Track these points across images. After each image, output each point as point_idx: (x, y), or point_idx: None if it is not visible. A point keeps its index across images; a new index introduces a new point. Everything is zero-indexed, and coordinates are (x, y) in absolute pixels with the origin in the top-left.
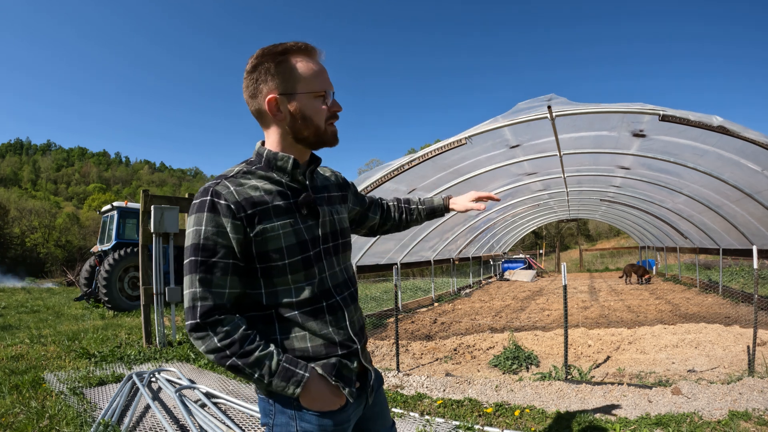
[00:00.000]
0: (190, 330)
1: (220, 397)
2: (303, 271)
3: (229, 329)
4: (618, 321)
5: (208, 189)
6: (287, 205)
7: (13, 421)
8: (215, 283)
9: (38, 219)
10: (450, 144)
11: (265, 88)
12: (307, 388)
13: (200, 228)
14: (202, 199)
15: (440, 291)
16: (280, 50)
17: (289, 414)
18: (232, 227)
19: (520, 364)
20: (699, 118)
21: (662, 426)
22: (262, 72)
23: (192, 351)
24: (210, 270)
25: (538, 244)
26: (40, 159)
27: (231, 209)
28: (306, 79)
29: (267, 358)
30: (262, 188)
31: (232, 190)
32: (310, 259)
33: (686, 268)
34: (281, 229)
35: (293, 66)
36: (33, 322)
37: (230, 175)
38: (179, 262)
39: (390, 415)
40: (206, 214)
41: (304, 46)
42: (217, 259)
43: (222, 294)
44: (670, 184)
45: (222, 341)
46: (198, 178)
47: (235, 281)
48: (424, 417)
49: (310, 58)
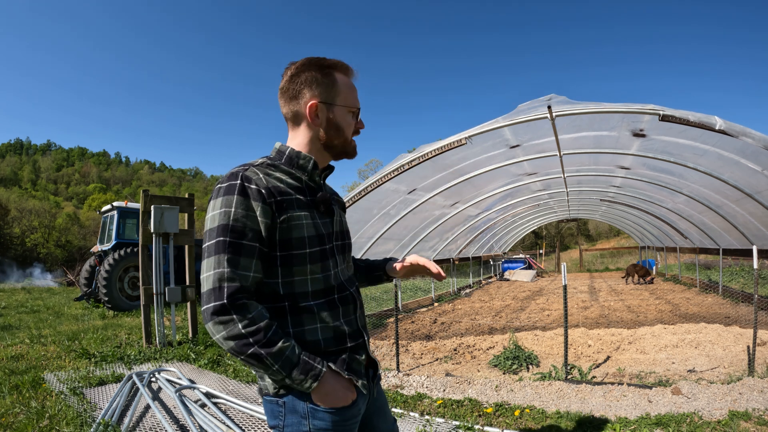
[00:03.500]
0: (214, 312)
1: (220, 397)
2: (320, 263)
3: (254, 316)
4: (618, 321)
5: (237, 173)
6: (307, 201)
7: (13, 421)
8: (242, 265)
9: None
10: (450, 144)
11: (308, 93)
12: (323, 382)
13: (230, 210)
14: (232, 183)
15: (440, 291)
16: (328, 64)
17: (301, 413)
18: (261, 211)
19: (520, 364)
20: (699, 119)
21: (662, 426)
22: (308, 79)
23: (192, 351)
24: (238, 251)
25: (538, 244)
26: (40, 159)
27: (262, 194)
28: (344, 93)
29: (289, 350)
30: (286, 181)
31: (261, 176)
32: (326, 252)
33: (686, 268)
34: (304, 219)
35: (336, 80)
36: (33, 322)
37: (256, 164)
38: (179, 262)
39: (390, 412)
40: (236, 196)
41: (346, 65)
42: (245, 241)
43: (247, 277)
44: (670, 184)
45: (247, 327)
46: (198, 178)
47: (259, 266)
48: (424, 417)
49: (348, 77)
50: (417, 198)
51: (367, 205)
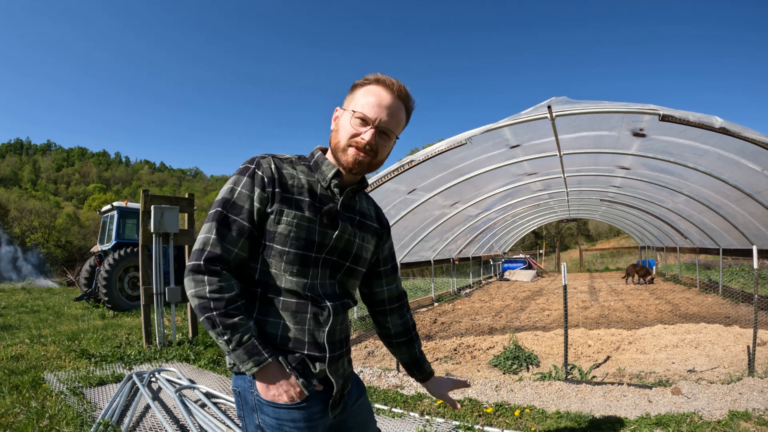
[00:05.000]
0: (190, 270)
1: (220, 397)
2: (298, 266)
3: (223, 285)
4: (618, 321)
5: (255, 159)
6: (311, 204)
7: (13, 421)
8: (229, 238)
9: (38, 219)
10: (450, 144)
11: None
12: (265, 370)
13: (235, 188)
14: (247, 166)
15: (440, 291)
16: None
17: (251, 404)
18: (258, 197)
19: (520, 364)
20: (699, 118)
21: (662, 426)
22: None
23: (192, 351)
24: (229, 226)
25: (538, 244)
26: (40, 159)
27: (264, 181)
28: (357, 99)
29: (242, 328)
30: (298, 178)
31: (273, 167)
32: (309, 259)
33: (686, 268)
34: (296, 219)
35: (360, 89)
36: (33, 322)
37: (278, 156)
38: (179, 262)
39: (375, 424)
40: (245, 178)
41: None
42: (238, 218)
43: (230, 251)
44: (670, 184)
45: (212, 293)
46: (198, 178)
47: (245, 246)
48: (424, 417)
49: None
50: (417, 198)
51: None
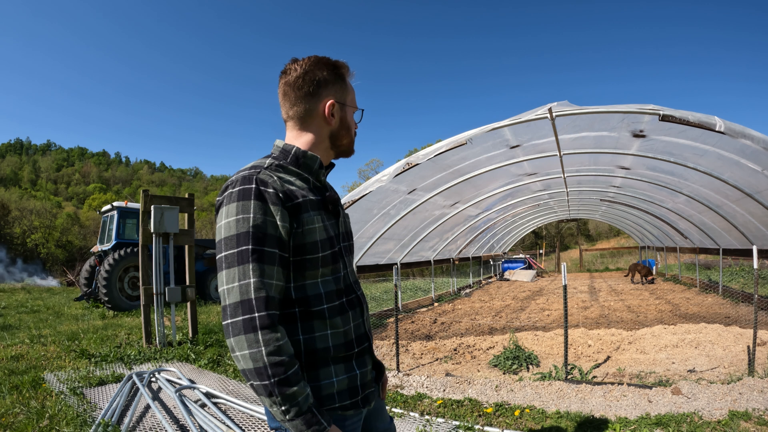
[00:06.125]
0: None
1: (220, 397)
2: (331, 265)
3: (281, 345)
4: (618, 321)
5: (251, 177)
6: (318, 202)
7: (13, 421)
8: (267, 273)
9: (39, 219)
10: (450, 144)
11: (324, 92)
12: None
13: (248, 216)
14: (246, 187)
15: (440, 291)
16: (337, 64)
17: None
18: (281, 216)
19: (520, 364)
20: (699, 119)
21: (662, 426)
22: (324, 78)
23: (192, 351)
24: (262, 259)
25: (538, 244)
26: (40, 159)
27: (280, 197)
28: (351, 94)
29: (301, 397)
30: (296, 183)
31: (276, 179)
32: (337, 255)
33: (686, 268)
34: (317, 223)
35: (346, 80)
36: (33, 322)
37: (265, 166)
38: (179, 262)
39: (386, 411)
40: (254, 201)
41: (348, 66)
42: (267, 248)
43: (273, 286)
44: (670, 184)
45: (270, 356)
46: (198, 178)
47: (281, 274)
48: (424, 417)
49: (350, 79)
50: (417, 198)
51: (367, 205)
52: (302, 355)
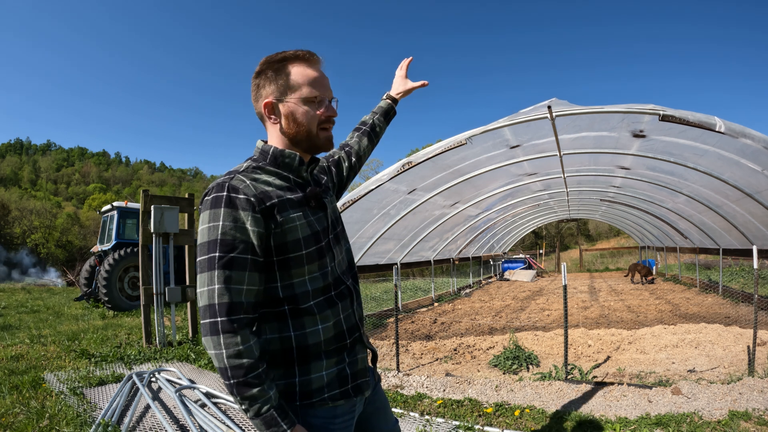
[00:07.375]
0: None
1: (220, 397)
2: (317, 261)
3: (241, 349)
4: (618, 321)
5: (223, 184)
6: (298, 199)
7: (13, 421)
8: (235, 279)
9: (39, 219)
10: (450, 144)
11: (263, 92)
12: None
13: (218, 224)
14: (218, 195)
15: (440, 291)
16: (279, 58)
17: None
18: (252, 221)
19: (520, 364)
20: (699, 119)
21: (662, 426)
22: (263, 78)
23: (192, 351)
24: (229, 266)
25: (538, 244)
26: (40, 159)
27: (251, 202)
28: (299, 84)
29: (261, 400)
30: (274, 183)
31: (249, 183)
32: (323, 249)
33: (686, 268)
34: (298, 221)
35: (289, 72)
36: (33, 322)
37: (241, 170)
38: (179, 262)
39: (391, 412)
40: (223, 209)
41: (303, 53)
42: (236, 254)
43: (241, 291)
44: (670, 184)
45: (229, 358)
46: (198, 178)
47: (254, 278)
48: (424, 417)
49: (308, 66)
50: (417, 198)
51: (367, 205)
52: (294, 350)
